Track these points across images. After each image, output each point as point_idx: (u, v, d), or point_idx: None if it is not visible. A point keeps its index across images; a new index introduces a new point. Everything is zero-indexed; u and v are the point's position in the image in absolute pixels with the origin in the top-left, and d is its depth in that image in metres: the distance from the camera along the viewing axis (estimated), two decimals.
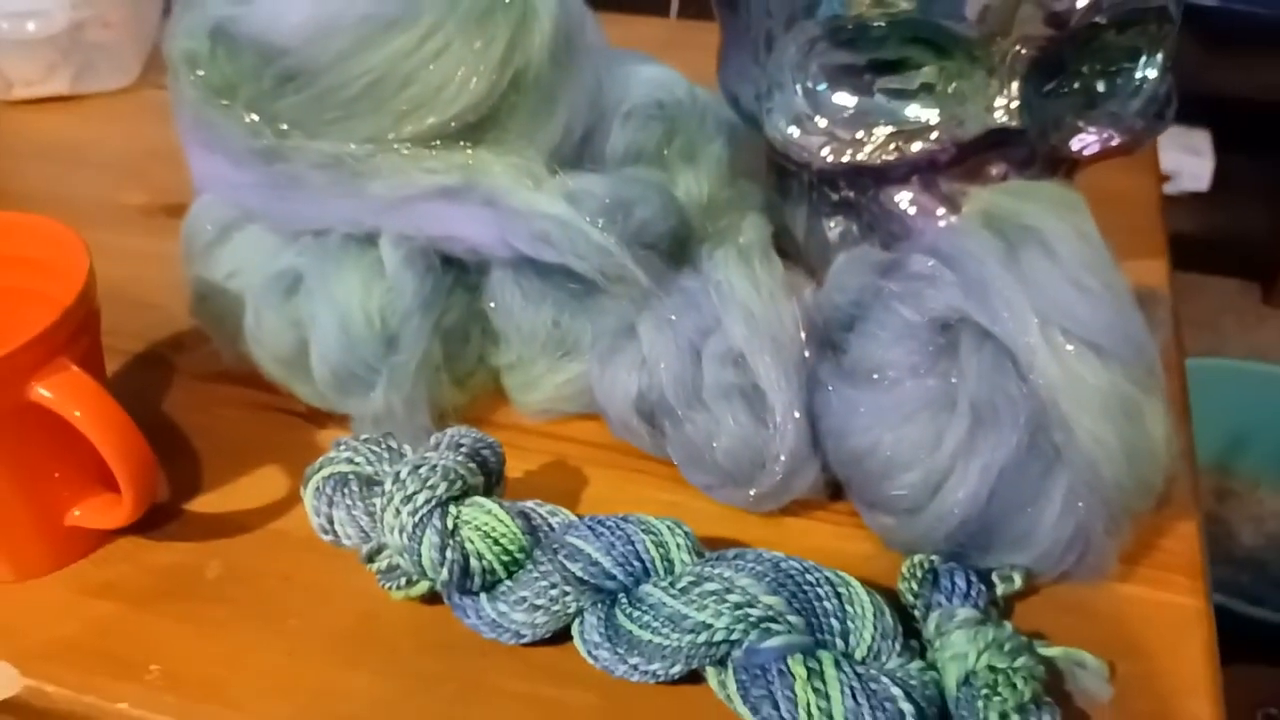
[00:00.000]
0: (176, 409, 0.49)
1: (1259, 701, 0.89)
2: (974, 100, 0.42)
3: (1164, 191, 1.50)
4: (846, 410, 0.39)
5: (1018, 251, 0.38)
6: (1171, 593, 0.40)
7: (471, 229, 0.43)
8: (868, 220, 0.48)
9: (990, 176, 0.44)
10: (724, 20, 0.48)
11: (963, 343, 0.39)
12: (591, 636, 0.37)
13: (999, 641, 0.35)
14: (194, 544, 0.42)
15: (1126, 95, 0.45)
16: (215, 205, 0.48)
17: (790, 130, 0.45)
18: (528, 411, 0.48)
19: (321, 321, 0.44)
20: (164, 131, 0.51)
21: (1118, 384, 0.37)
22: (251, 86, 0.43)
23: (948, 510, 0.38)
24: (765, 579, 0.36)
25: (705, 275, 0.43)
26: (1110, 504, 0.37)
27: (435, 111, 0.42)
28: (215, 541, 0.42)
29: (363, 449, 0.40)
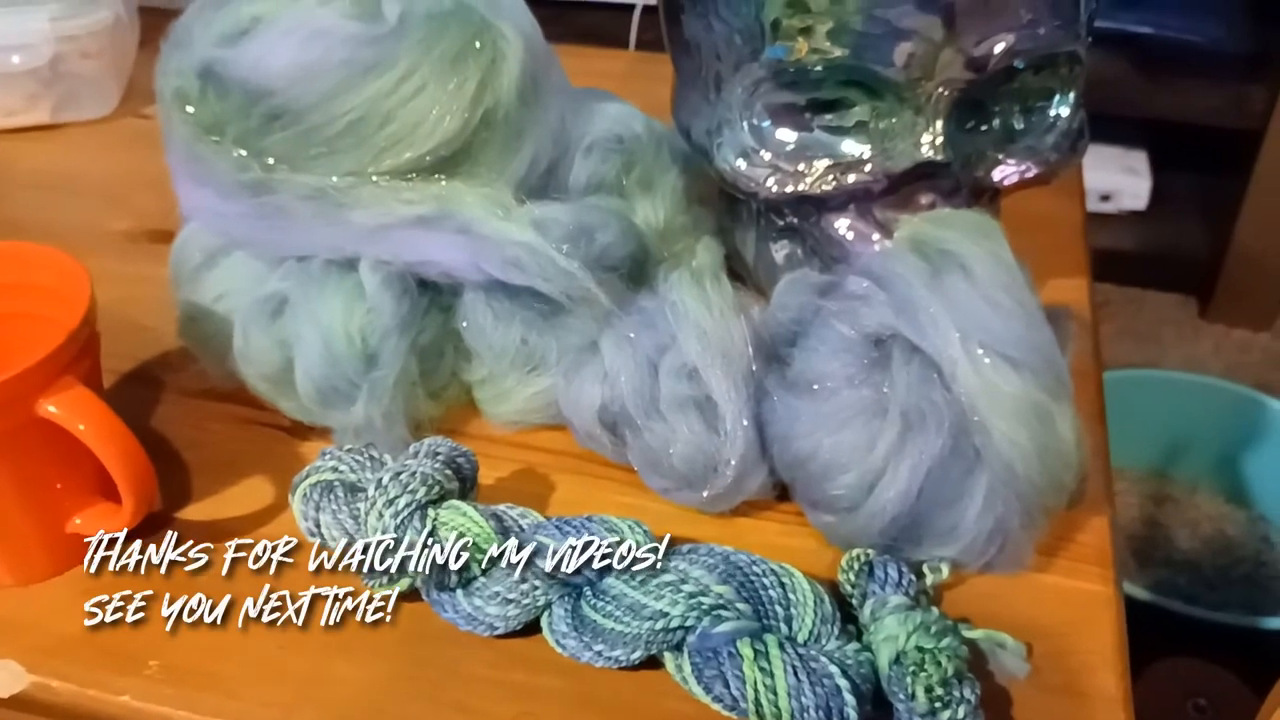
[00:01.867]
0: (167, 424, 0.51)
1: (1190, 692, 0.94)
2: (903, 137, 0.46)
3: (1103, 210, 1.56)
4: (790, 418, 0.43)
5: (941, 274, 0.42)
6: (1084, 581, 0.44)
7: (446, 254, 0.46)
8: (810, 244, 0.51)
9: (920, 205, 0.48)
10: (678, 62, 0.52)
11: (894, 356, 0.42)
12: (559, 627, 0.41)
13: (926, 625, 0.39)
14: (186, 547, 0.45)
15: (1042, 130, 0.49)
16: (202, 233, 0.51)
17: (738, 163, 0.48)
18: (498, 422, 0.51)
19: (306, 341, 0.47)
20: (145, 159, 0.54)
21: (1030, 392, 0.41)
22: (240, 124, 0.46)
23: (881, 507, 0.42)
24: (716, 571, 0.39)
25: (662, 296, 0.47)
26: (1025, 500, 0.41)
27: (412, 147, 0.45)
28: (206, 545, 0.45)
29: (346, 458, 0.44)
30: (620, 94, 0.55)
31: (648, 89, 0.57)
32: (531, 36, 0.48)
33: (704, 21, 0.48)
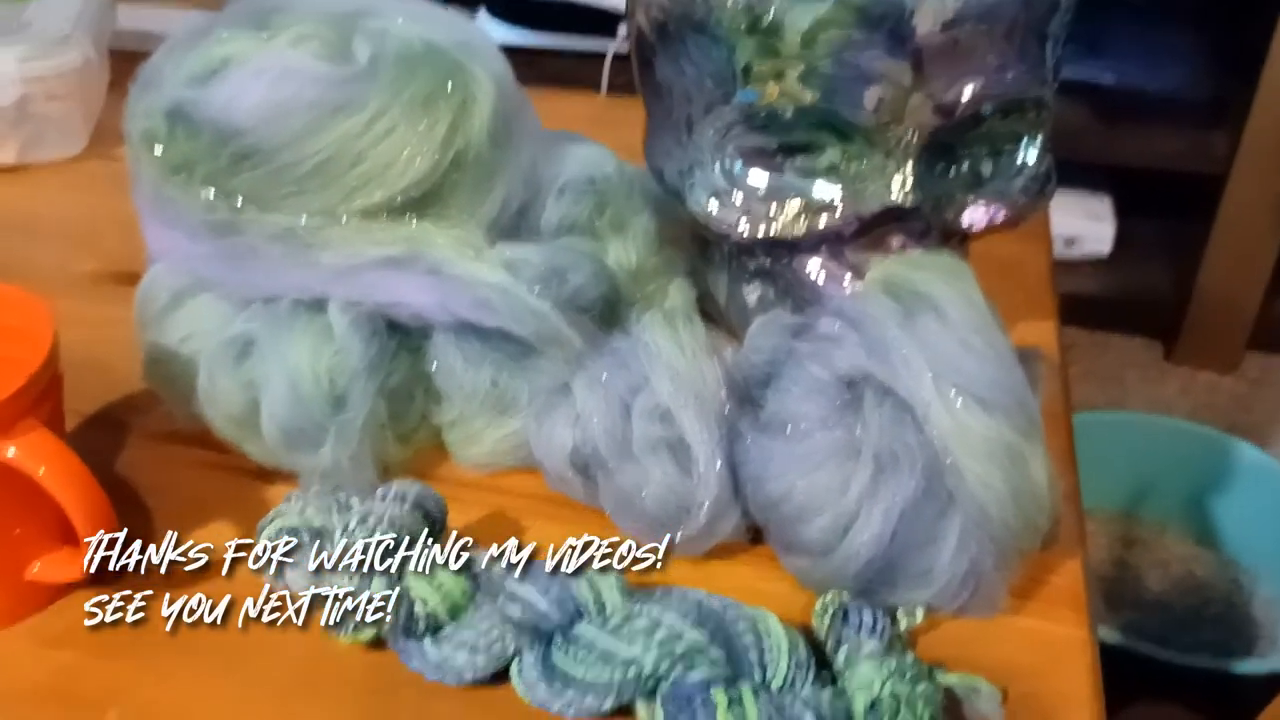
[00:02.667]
0: (130, 468, 0.50)
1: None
2: (873, 180, 0.47)
3: (1068, 255, 1.58)
4: (763, 459, 0.43)
5: (913, 315, 0.42)
6: (1058, 624, 0.44)
7: (416, 296, 0.46)
8: (782, 286, 0.52)
9: (891, 247, 0.49)
10: (650, 104, 0.53)
11: (866, 397, 0.42)
12: (529, 675, 0.40)
13: (901, 670, 0.38)
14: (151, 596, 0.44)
15: (1010, 175, 0.50)
16: (169, 273, 0.50)
17: (710, 205, 0.49)
18: (468, 465, 0.50)
19: (273, 383, 0.46)
20: (112, 200, 0.54)
21: (1002, 433, 0.41)
22: (208, 164, 0.46)
23: (855, 550, 0.41)
24: (689, 616, 0.39)
25: (634, 337, 0.47)
26: (999, 542, 0.41)
27: (383, 187, 0.45)
28: (168, 591, 0.44)
29: (313, 501, 0.43)
30: (592, 137, 0.55)
31: (619, 133, 0.58)
32: (503, 79, 0.48)
33: (676, 65, 0.48)
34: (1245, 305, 1.46)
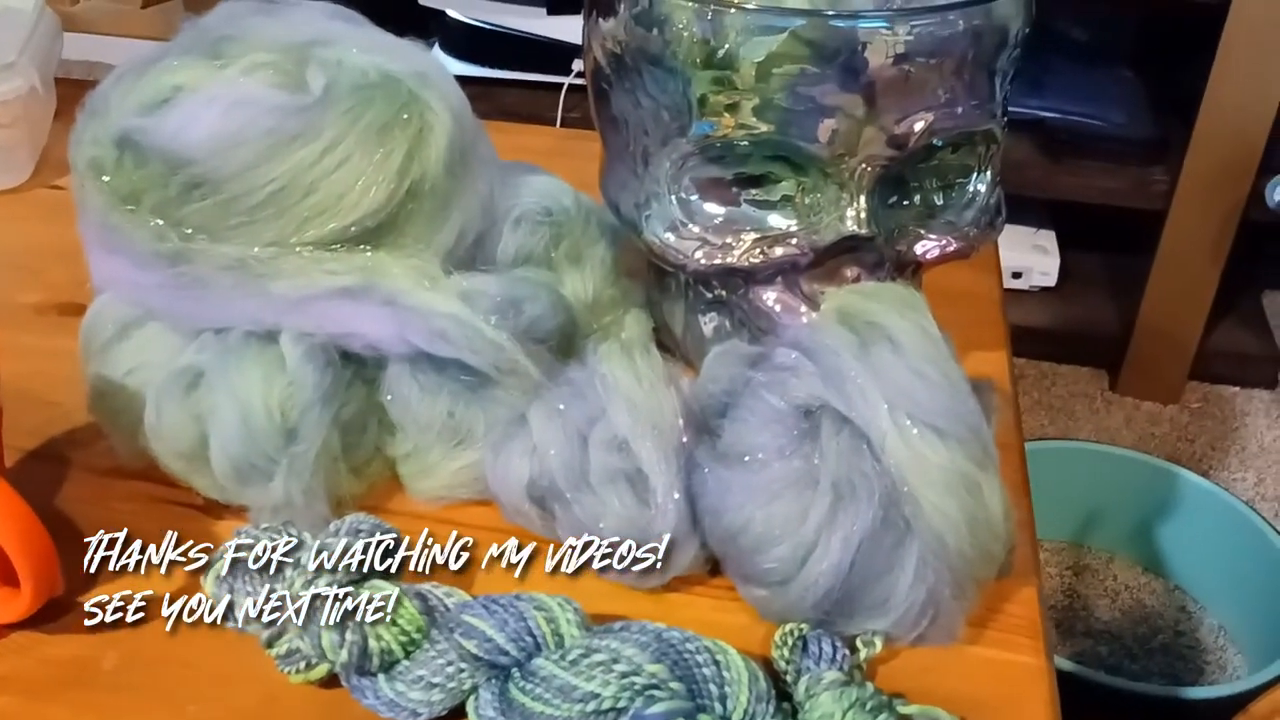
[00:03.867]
0: (72, 503, 0.49)
1: None
2: (828, 211, 0.47)
3: (1015, 287, 1.61)
4: (721, 490, 0.43)
5: (868, 345, 0.42)
6: (1016, 653, 0.44)
7: (371, 326, 0.46)
8: (739, 316, 0.52)
9: (845, 278, 0.49)
10: (606, 137, 0.53)
11: (823, 427, 0.42)
12: (486, 712, 0.39)
13: (862, 701, 0.38)
14: (91, 636, 0.43)
15: (961, 206, 0.50)
16: (115, 304, 0.49)
17: (666, 236, 0.49)
18: (423, 498, 0.49)
19: (222, 415, 0.45)
20: (57, 230, 0.53)
21: (957, 462, 0.41)
22: (157, 193, 0.45)
23: (814, 580, 0.41)
24: (649, 649, 0.39)
25: (591, 368, 0.46)
26: (956, 571, 0.41)
27: (336, 217, 0.45)
28: (112, 633, 0.43)
29: (263, 537, 0.42)
30: (547, 169, 0.55)
31: (575, 165, 0.58)
32: (459, 109, 0.48)
33: (632, 97, 0.48)
34: (1186, 337, 1.49)
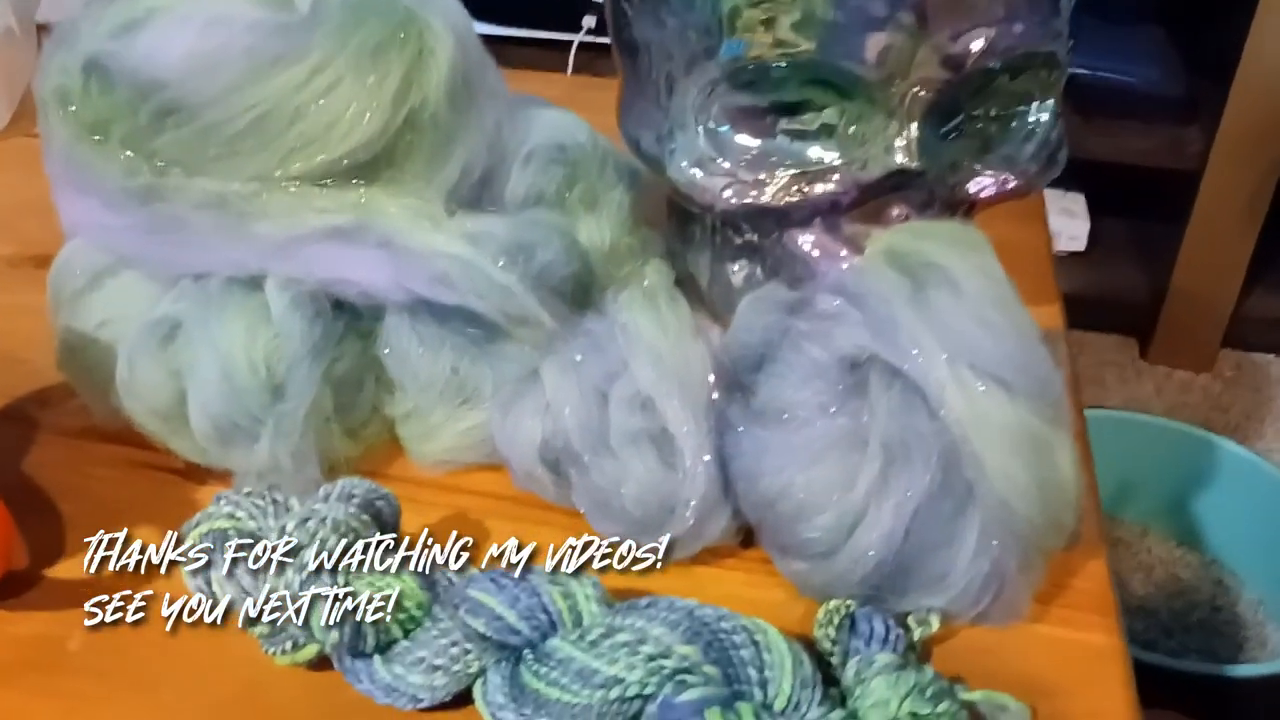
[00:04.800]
0: (41, 469, 0.46)
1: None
2: (874, 142, 0.43)
3: None
4: (757, 452, 0.39)
5: (925, 289, 0.38)
6: (1086, 631, 0.40)
7: (365, 271, 0.42)
8: (771, 264, 0.47)
9: (891, 218, 0.45)
10: (624, 65, 0.48)
11: (872, 381, 0.38)
12: (495, 698, 0.35)
13: (920, 687, 0.34)
14: (57, 613, 0.39)
15: (1020, 139, 0.46)
16: (86, 251, 0.46)
17: (693, 172, 0.44)
18: (425, 463, 0.46)
19: (201, 370, 0.41)
20: (35, 181, 0.49)
21: (1025, 420, 0.37)
22: (127, 123, 0.42)
23: (863, 552, 0.37)
24: (679, 628, 0.34)
25: (610, 318, 0.42)
26: (1023, 541, 0.37)
27: (326, 149, 0.41)
28: (80, 610, 0.39)
29: (245, 503, 0.38)
30: None
31: (589, 116, 0.53)
32: (463, 31, 0.44)
33: (654, 17, 0.44)
34: (1220, 303, 1.45)
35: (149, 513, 0.43)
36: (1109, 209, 1.53)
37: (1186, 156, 1.39)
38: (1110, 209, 1.53)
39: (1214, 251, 1.42)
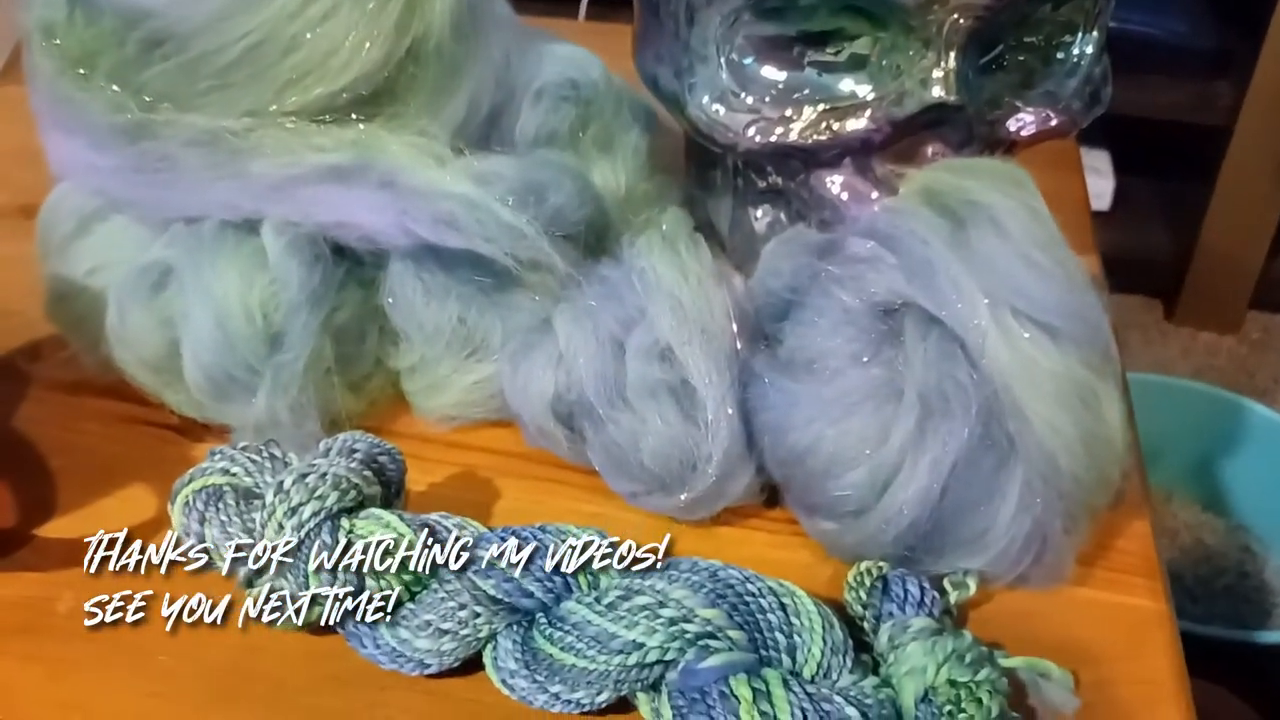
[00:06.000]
0: (31, 424, 0.44)
1: None
2: (909, 75, 0.40)
3: None
4: (784, 404, 0.36)
5: (966, 229, 0.36)
6: (1130, 595, 0.38)
7: (366, 214, 0.40)
8: (797, 208, 0.45)
9: (926, 158, 0.42)
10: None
11: (907, 329, 0.36)
12: (506, 663, 0.34)
13: (959, 653, 0.32)
14: (45, 574, 0.38)
15: (1063, 74, 0.43)
16: (75, 194, 0.44)
17: (714, 108, 0.42)
18: (432, 418, 0.44)
19: (195, 319, 0.39)
20: (27, 130, 0.47)
21: (1073, 368, 0.35)
22: (113, 54, 0.40)
23: (896, 510, 0.35)
24: (702, 590, 0.32)
25: (627, 263, 0.40)
26: (1068, 499, 0.35)
27: (323, 81, 0.39)
28: (71, 571, 0.37)
29: (240, 458, 0.36)
30: None
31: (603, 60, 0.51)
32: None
33: None
34: (1248, 263, 1.42)
35: (143, 469, 0.41)
36: (1134, 166, 1.50)
37: (1216, 111, 1.36)
38: (1136, 166, 1.50)
39: (1243, 210, 1.39)
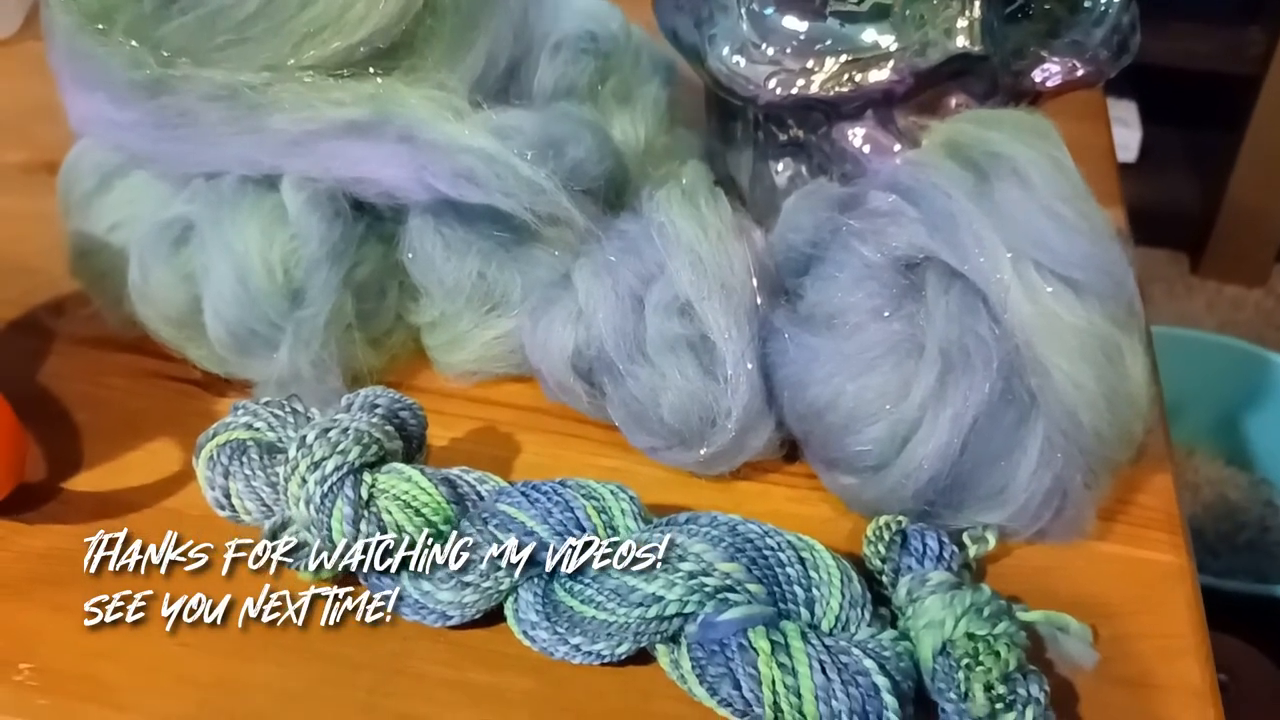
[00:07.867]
0: (57, 379, 0.44)
1: None
2: (933, 24, 0.39)
3: None
4: (805, 359, 0.36)
5: (989, 182, 0.35)
6: (1151, 550, 0.38)
7: (385, 168, 0.39)
8: (818, 161, 0.45)
9: (949, 110, 0.42)
10: None
11: (929, 283, 0.36)
12: (528, 615, 0.34)
13: (977, 606, 0.32)
14: (73, 526, 0.38)
15: (1090, 22, 0.42)
16: (96, 150, 0.44)
17: (735, 60, 0.41)
18: (452, 373, 0.44)
19: (216, 274, 0.39)
20: (47, 87, 0.47)
21: (1096, 322, 0.34)
22: (131, 9, 0.39)
23: (916, 465, 0.35)
24: (721, 544, 0.32)
25: (646, 218, 0.40)
26: (1089, 454, 0.35)
27: (341, 34, 0.38)
28: (97, 523, 0.38)
29: (264, 413, 0.36)
30: None
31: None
32: None
33: None
34: (1276, 216, 1.39)
35: (166, 424, 0.42)
36: (1162, 116, 1.47)
37: (1246, 60, 1.33)
38: (1163, 116, 1.47)
39: (1272, 162, 1.36)
